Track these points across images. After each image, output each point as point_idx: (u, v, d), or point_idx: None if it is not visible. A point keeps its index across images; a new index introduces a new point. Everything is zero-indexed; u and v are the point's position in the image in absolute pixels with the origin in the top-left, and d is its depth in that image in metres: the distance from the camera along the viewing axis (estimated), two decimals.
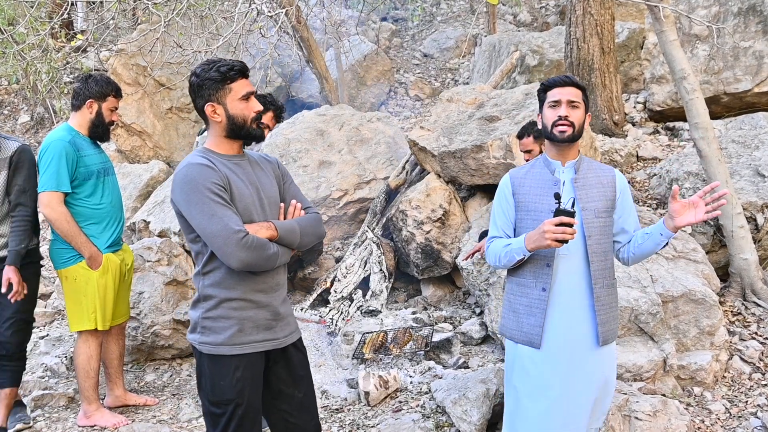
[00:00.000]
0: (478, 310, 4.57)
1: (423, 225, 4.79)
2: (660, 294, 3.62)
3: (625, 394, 3.10)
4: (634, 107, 7.05)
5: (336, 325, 4.59)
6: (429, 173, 5.14)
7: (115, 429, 3.43)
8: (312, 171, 5.78)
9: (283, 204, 2.27)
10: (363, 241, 5.18)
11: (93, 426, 3.48)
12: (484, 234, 3.73)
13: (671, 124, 6.50)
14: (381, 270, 4.93)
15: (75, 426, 3.53)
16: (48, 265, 5.88)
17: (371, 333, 4.24)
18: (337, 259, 5.35)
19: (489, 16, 10.26)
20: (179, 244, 4.93)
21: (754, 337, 3.86)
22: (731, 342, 3.82)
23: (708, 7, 6.24)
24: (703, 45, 6.21)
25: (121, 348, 3.72)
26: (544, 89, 2.33)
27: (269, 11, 5.58)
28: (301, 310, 4.84)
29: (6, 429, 3.38)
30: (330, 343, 4.40)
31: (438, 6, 12.34)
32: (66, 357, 4.34)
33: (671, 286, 3.68)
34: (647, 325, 3.54)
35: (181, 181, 2.05)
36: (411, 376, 3.86)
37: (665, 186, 4.99)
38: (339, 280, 4.95)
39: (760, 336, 3.86)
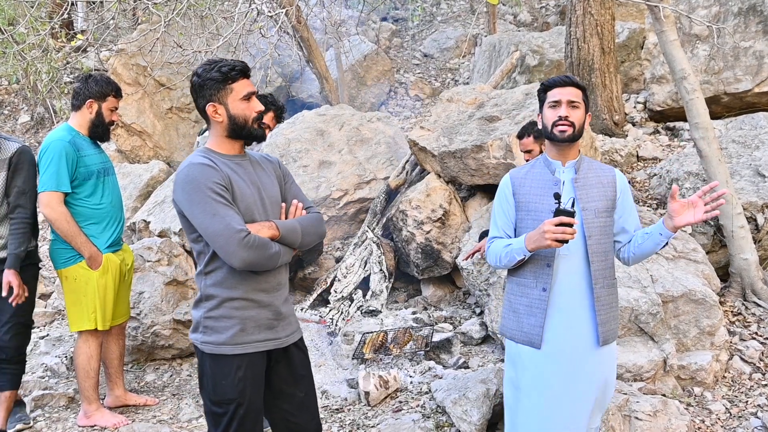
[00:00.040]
0: (478, 310, 4.57)
1: (423, 225, 4.79)
2: (660, 294, 3.62)
3: (625, 394, 3.10)
4: (635, 107, 7.04)
5: (336, 325, 4.59)
6: (429, 173, 5.14)
7: (116, 429, 3.43)
8: (312, 171, 5.79)
9: (284, 204, 2.27)
10: (363, 241, 5.18)
11: (93, 426, 3.48)
12: (484, 234, 3.73)
13: (671, 124, 6.50)
14: (381, 270, 4.93)
15: (75, 426, 3.53)
16: (48, 265, 5.88)
17: (371, 333, 4.24)
18: (337, 259, 5.35)
19: (489, 16, 10.26)
20: (179, 244, 4.93)
21: (754, 337, 3.86)
22: (731, 342, 3.82)
23: (708, 7, 6.24)
24: (703, 45, 6.21)
25: (121, 348, 3.72)
26: (544, 89, 2.33)
27: (269, 11, 5.59)
28: (301, 310, 4.84)
29: (5, 431, 3.38)
30: (330, 343, 4.40)
31: (438, 6, 12.34)
32: (66, 357, 4.34)
33: (671, 286, 3.68)
34: (647, 325, 3.54)
35: (182, 181, 2.05)
36: (411, 376, 3.85)
37: (665, 186, 4.99)
38: (339, 280, 4.95)
39: (761, 336, 3.86)
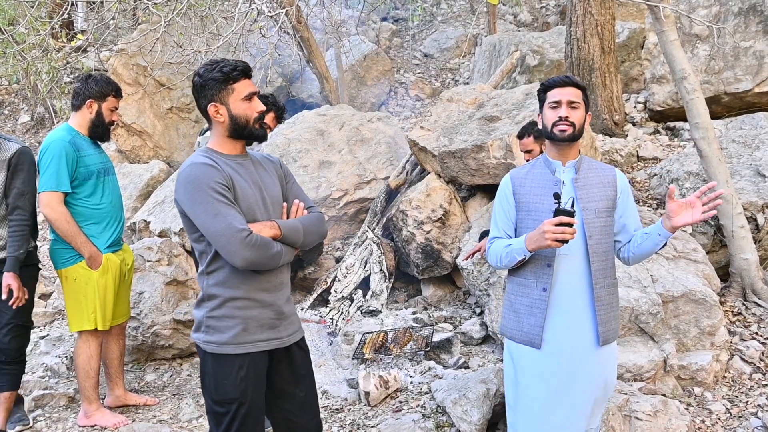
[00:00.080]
0: (478, 310, 4.57)
1: (423, 225, 4.79)
2: (660, 294, 3.62)
3: (625, 394, 3.10)
4: (635, 107, 7.04)
5: (336, 325, 4.59)
6: (429, 173, 5.14)
7: (116, 429, 3.43)
8: (312, 171, 5.79)
9: (285, 203, 2.28)
10: (363, 241, 5.18)
11: (93, 426, 3.48)
12: (485, 234, 3.73)
13: (672, 124, 6.49)
14: (381, 270, 4.93)
15: (75, 426, 3.53)
16: (48, 265, 5.88)
17: (371, 333, 4.24)
18: (338, 259, 5.35)
19: (489, 16, 10.25)
20: (179, 244, 4.93)
21: (754, 337, 3.86)
22: (732, 342, 3.82)
23: (708, 7, 6.24)
24: (703, 45, 6.21)
25: (121, 348, 3.72)
26: (544, 89, 2.33)
27: (269, 11, 5.59)
28: (302, 310, 4.84)
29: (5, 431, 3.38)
30: (330, 343, 4.40)
31: (438, 6, 12.34)
32: (66, 357, 4.34)
33: (672, 286, 3.67)
34: (647, 325, 3.54)
35: (184, 181, 2.06)
36: (411, 376, 3.85)
37: (666, 186, 4.99)
38: (339, 280, 4.95)
39: (761, 336, 3.86)
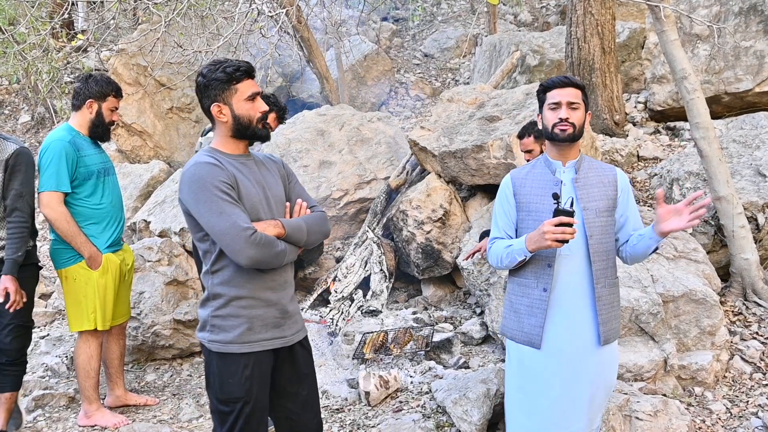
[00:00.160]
0: (478, 310, 4.57)
1: (423, 225, 4.79)
2: (661, 294, 3.62)
3: (625, 394, 3.10)
4: (635, 107, 7.04)
5: (336, 325, 4.59)
6: (429, 173, 5.13)
7: (116, 429, 3.43)
8: (312, 171, 5.79)
9: (288, 203, 2.29)
10: (363, 241, 5.17)
11: (93, 426, 3.48)
12: (485, 234, 3.73)
13: (672, 124, 6.49)
14: (381, 270, 4.93)
15: (75, 426, 3.53)
16: (48, 265, 5.88)
17: (372, 333, 4.24)
18: (338, 259, 5.35)
19: (489, 16, 10.25)
20: (180, 244, 4.93)
21: (755, 337, 3.86)
22: (732, 342, 3.82)
23: (709, 7, 6.24)
24: (703, 45, 6.21)
25: (121, 348, 3.72)
26: (544, 90, 2.33)
27: (270, 11, 5.58)
28: (302, 310, 4.84)
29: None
30: (330, 343, 4.40)
31: (438, 6, 12.34)
32: (66, 357, 4.34)
33: (672, 286, 3.67)
34: (648, 325, 3.54)
35: (189, 180, 2.06)
36: (411, 376, 3.85)
37: (666, 186, 4.98)
38: (339, 280, 4.95)
39: (761, 336, 3.86)
